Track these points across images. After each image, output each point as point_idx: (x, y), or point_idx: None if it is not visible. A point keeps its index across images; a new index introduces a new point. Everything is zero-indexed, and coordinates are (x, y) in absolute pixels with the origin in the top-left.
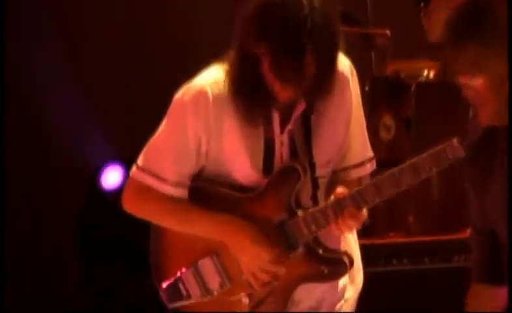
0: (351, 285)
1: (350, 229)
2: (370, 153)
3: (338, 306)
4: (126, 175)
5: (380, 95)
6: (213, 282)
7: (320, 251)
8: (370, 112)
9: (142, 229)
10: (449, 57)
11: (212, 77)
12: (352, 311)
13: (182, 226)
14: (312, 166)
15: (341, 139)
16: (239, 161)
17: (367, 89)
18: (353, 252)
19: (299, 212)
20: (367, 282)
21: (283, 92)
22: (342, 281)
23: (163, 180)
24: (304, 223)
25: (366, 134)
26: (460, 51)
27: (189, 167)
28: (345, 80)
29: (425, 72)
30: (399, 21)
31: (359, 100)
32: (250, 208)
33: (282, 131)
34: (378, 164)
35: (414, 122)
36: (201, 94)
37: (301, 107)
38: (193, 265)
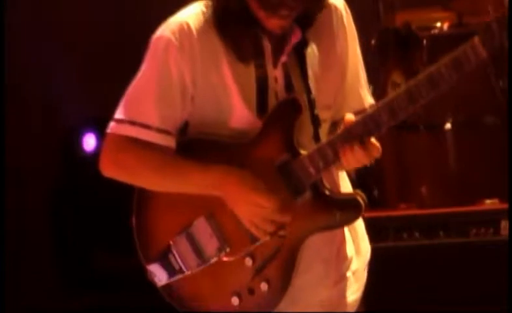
0: (357, 256)
1: (361, 162)
2: (370, 99)
3: (346, 278)
4: (103, 135)
5: (389, 49)
6: (210, 246)
7: (330, 193)
8: (378, 68)
9: (124, 197)
10: None
11: (193, 11)
12: (362, 283)
13: (171, 182)
14: (312, 102)
15: (337, 78)
16: (230, 102)
17: (373, 42)
18: (359, 245)
19: (303, 151)
20: (375, 258)
21: (269, 20)
22: (349, 251)
23: (145, 126)
24: (310, 161)
25: (365, 79)
26: None
27: (174, 110)
28: (340, 14)
29: (438, 23)
30: None
31: (357, 41)
32: (247, 154)
33: (275, 65)
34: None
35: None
36: (183, 29)
37: (295, 38)
38: (185, 229)
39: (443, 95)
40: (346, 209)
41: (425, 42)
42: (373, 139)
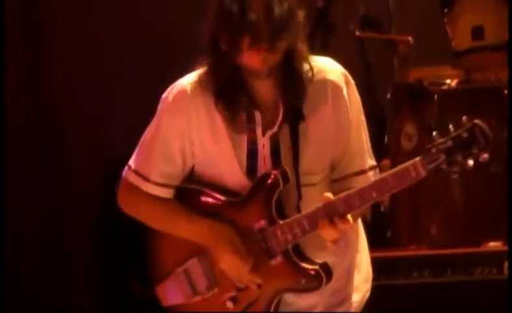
0: (356, 292)
1: (333, 236)
2: (373, 162)
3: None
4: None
5: (402, 103)
6: (201, 284)
7: (299, 261)
8: (392, 120)
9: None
10: None
11: (195, 76)
12: (363, 295)
13: (166, 228)
14: (298, 174)
15: (332, 148)
16: (225, 163)
17: (389, 96)
18: (360, 260)
19: (280, 221)
20: (387, 295)
21: (251, 58)
22: (343, 287)
23: (146, 179)
24: (281, 232)
25: (368, 143)
26: None
27: (174, 168)
28: (337, 89)
29: (448, 80)
30: (422, 27)
31: (359, 108)
32: (234, 214)
33: (264, 133)
34: None
35: (438, 132)
36: (181, 94)
37: (284, 113)
38: (183, 265)
39: None
40: (309, 278)
41: (436, 96)
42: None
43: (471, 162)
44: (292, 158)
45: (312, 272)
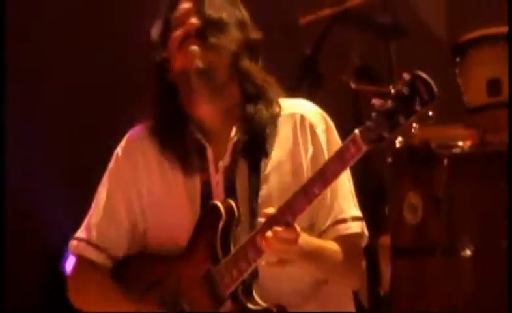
0: None
1: (281, 252)
2: (357, 212)
3: None
4: None
5: (405, 169)
6: None
7: (248, 304)
8: (393, 188)
9: None
10: None
11: (143, 124)
12: None
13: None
14: (254, 211)
15: (295, 187)
16: (177, 212)
17: (389, 160)
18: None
19: (224, 259)
20: None
21: (198, 107)
22: None
23: (86, 241)
24: (226, 270)
25: (350, 190)
26: None
27: (117, 230)
28: (311, 125)
29: (460, 142)
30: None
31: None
32: (182, 265)
33: (216, 167)
34: (402, 252)
35: (446, 203)
36: (128, 141)
37: (235, 140)
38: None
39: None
40: None
41: (445, 161)
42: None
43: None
44: (248, 192)
45: None
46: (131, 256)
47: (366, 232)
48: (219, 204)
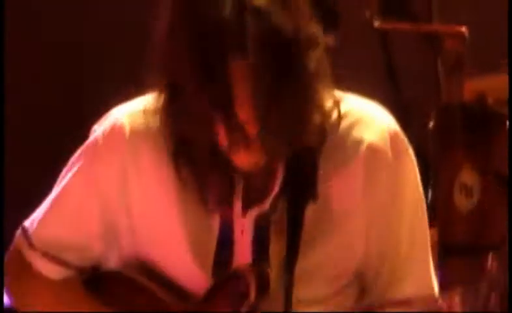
0: None
1: None
2: (431, 288)
3: None
4: None
5: (455, 134)
6: None
7: None
8: (439, 162)
9: None
10: None
11: (138, 105)
12: None
13: None
14: (289, 281)
15: (357, 247)
16: (176, 251)
17: (431, 124)
18: None
19: None
20: None
21: (235, 154)
22: None
23: (31, 244)
24: None
25: (429, 254)
26: None
27: (77, 238)
28: (378, 156)
29: None
30: (480, 13)
31: (417, 193)
32: None
33: (245, 211)
34: (453, 249)
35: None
36: (116, 131)
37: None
38: None
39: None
40: None
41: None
42: None
43: None
44: (285, 254)
45: None
46: (113, 274)
47: None
48: (249, 277)
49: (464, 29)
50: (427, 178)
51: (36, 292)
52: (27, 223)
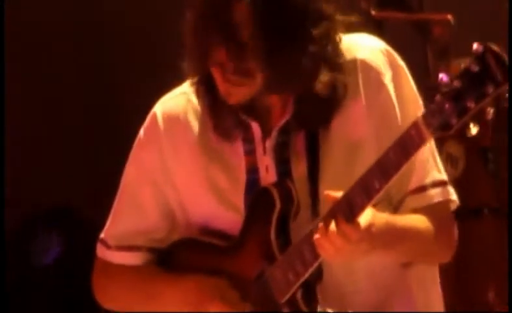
0: None
1: (337, 252)
2: (440, 176)
3: None
4: None
5: None
6: None
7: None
8: None
9: None
10: None
11: (169, 94)
12: None
13: (148, 307)
14: (314, 196)
15: (371, 157)
16: (213, 201)
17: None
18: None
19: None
20: None
21: (222, 85)
22: None
23: (107, 245)
24: (281, 273)
25: (429, 149)
26: None
27: (145, 222)
28: (372, 72)
29: None
30: (466, 2)
31: (416, 102)
32: (228, 260)
33: (265, 151)
34: None
35: (494, 151)
36: (153, 119)
37: (287, 114)
38: None
39: None
40: None
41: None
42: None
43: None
44: (307, 177)
45: None
46: (176, 243)
47: (452, 196)
48: (271, 188)
49: (449, 16)
50: None
51: (118, 279)
52: (102, 234)
